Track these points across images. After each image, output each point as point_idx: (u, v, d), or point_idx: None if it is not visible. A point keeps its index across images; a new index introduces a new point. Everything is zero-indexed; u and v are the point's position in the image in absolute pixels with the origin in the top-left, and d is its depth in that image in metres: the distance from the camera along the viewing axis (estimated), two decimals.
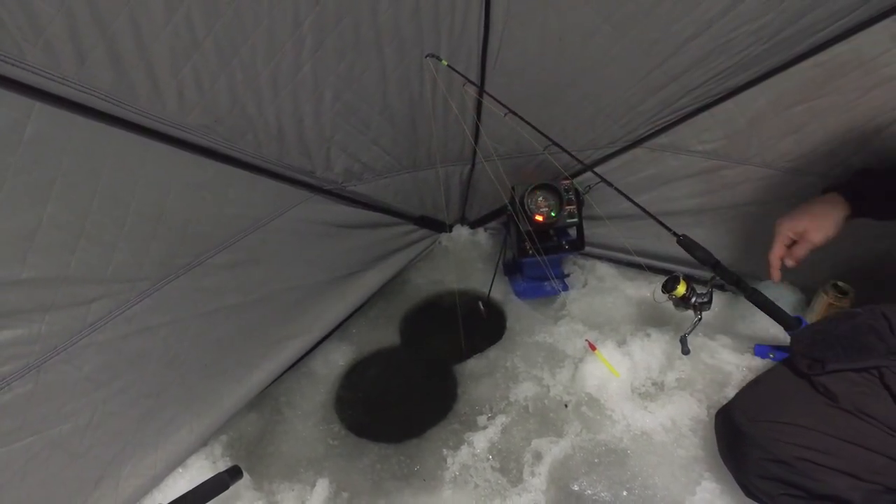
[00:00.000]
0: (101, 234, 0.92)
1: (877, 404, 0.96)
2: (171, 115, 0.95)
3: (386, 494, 1.19)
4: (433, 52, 1.19)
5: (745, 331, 1.48)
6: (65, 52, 0.78)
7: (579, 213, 1.54)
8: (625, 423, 1.27)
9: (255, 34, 0.95)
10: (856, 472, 0.94)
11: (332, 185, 1.33)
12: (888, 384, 0.96)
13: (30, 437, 0.91)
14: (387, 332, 1.58)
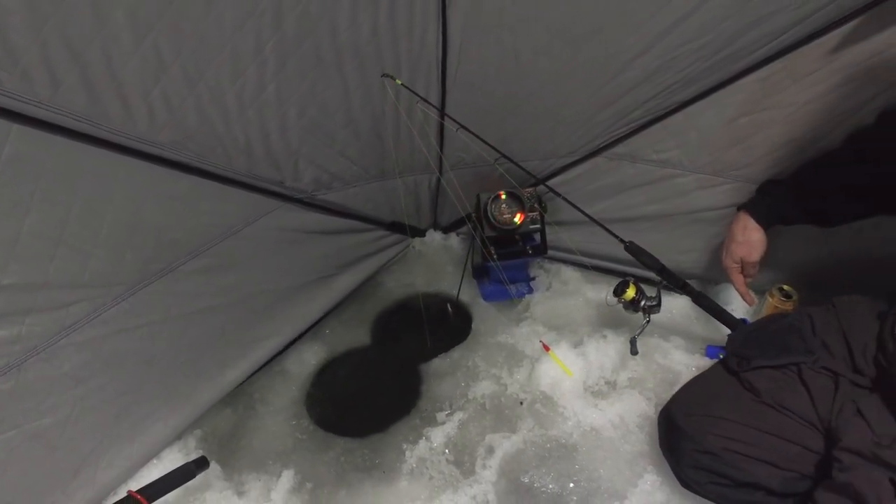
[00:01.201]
0: (79, 243, 1.00)
1: (794, 399, 1.04)
2: (143, 133, 1.02)
3: (348, 485, 1.27)
4: (388, 73, 1.27)
5: (700, 332, 1.55)
6: (40, 79, 0.86)
7: (542, 220, 1.61)
8: (575, 420, 1.35)
9: (219, 58, 1.03)
10: (774, 461, 1.03)
11: (303, 195, 1.41)
12: (805, 380, 1.04)
13: (11, 430, 0.99)
14: (359, 332, 1.66)
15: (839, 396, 0.98)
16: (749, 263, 1.33)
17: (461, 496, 1.22)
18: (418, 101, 1.32)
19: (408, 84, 1.33)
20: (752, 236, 1.29)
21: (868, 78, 1.17)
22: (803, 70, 1.21)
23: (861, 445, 0.89)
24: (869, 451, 0.88)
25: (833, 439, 0.96)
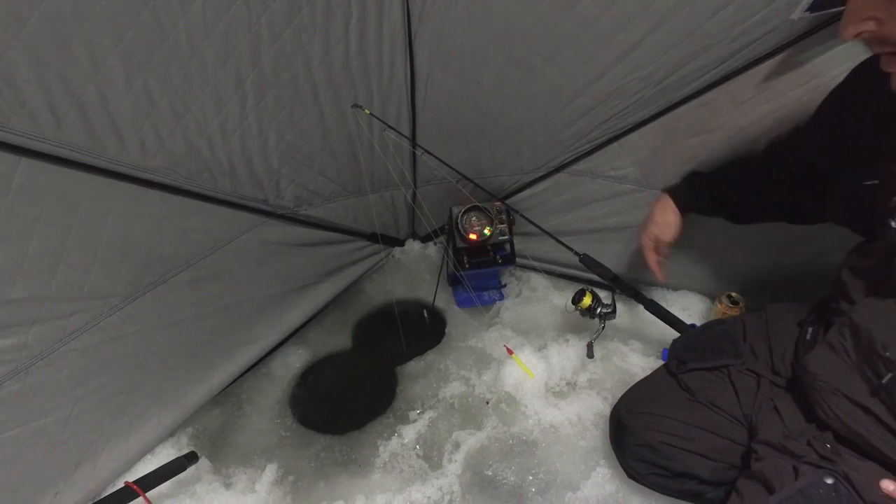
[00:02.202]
0: (78, 261, 1.11)
1: (723, 397, 1.15)
2: (136, 161, 1.14)
3: (326, 478, 1.39)
4: (359, 103, 1.39)
5: (658, 336, 1.66)
6: (45, 119, 0.97)
7: (510, 231, 1.73)
8: (536, 418, 1.47)
9: (203, 94, 1.15)
10: (706, 453, 1.13)
11: (285, 210, 1.53)
12: (733, 380, 1.15)
13: (18, 427, 1.11)
14: (340, 337, 1.77)
15: (760, 395, 1.09)
16: (663, 243, 1.42)
17: (429, 487, 1.34)
18: (385, 128, 1.43)
19: (379, 110, 1.45)
20: (669, 218, 1.39)
21: (797, 104, 1.28)
22: (741, 96, 1.32)
23: (773, 438, 1.00)
24: (779, 443, 0.99)
25: (753, 433, 1.07)
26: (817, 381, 0.95)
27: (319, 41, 1.24)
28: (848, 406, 0.90)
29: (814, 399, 0.96)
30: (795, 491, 0.89)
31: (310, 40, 1.23)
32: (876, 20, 0.73)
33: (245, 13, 1.11)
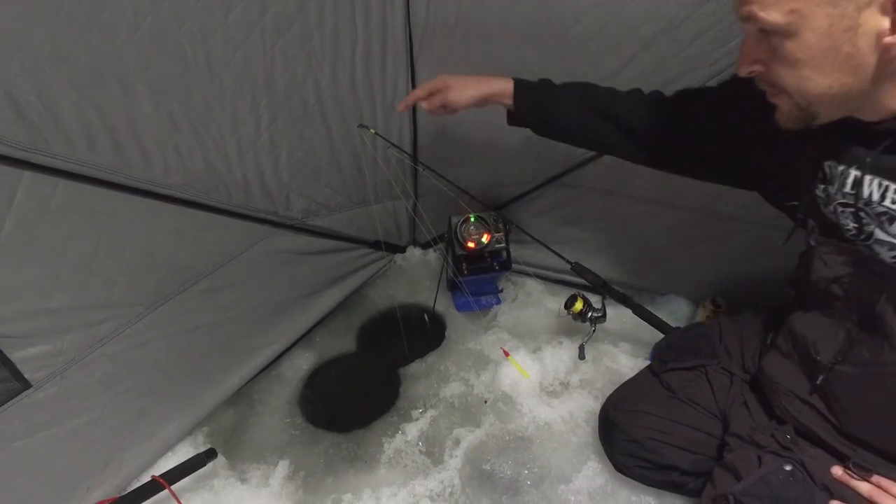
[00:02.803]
0: (106, 273, 1.20)
1: (701, 394, 1.24)
2: (159, 179, 1.23)
3: (334, 473, 1.48)
4: (364, 122, 1.48)
5: (647, 339, 1.74)
6: (80, 143, 1.06)
7: (506, 239, 1.82)
8: (531, 416, 1.56)
9: (221, 117, 1.24)
10: (686, 446, 1.22)
11: (294, 221, 1.62)
12: (710, 379, 1.24)
13: (56, 426, 1.20)
14: (345, 340, 1.86)
15: (732, 391, 1.19)
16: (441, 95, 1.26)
17: (431, 481, 1.43)
18: (389, 146, 1.53)
19: (383, 128, 1.55)
20: (477, 92, 1.24)
21: None
22: None
23: (742, 430, 1.10)
24: (747, 435, 1.09)
25: (726, 426, 1.17)
26: (772, 383, 1.05)
27: (328, 66, 1.34)
28: (799, 404, 1.00)
29: (770, 398, 1.07)
30: (758, 478, 0.99)
31: (319, 65, 1.33)
32: (762, 63, 0.78)
33: (260, 42, 1.20)
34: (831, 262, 0.92)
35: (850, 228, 0.87)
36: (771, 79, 0.79)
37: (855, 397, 0.93)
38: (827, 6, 0.67)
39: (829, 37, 0.69)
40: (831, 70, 0.72)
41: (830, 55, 0.71)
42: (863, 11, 0.67)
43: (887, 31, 0.67)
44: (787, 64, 0.74)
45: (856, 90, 0.73)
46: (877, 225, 0.83)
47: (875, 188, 0.81)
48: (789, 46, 0.72)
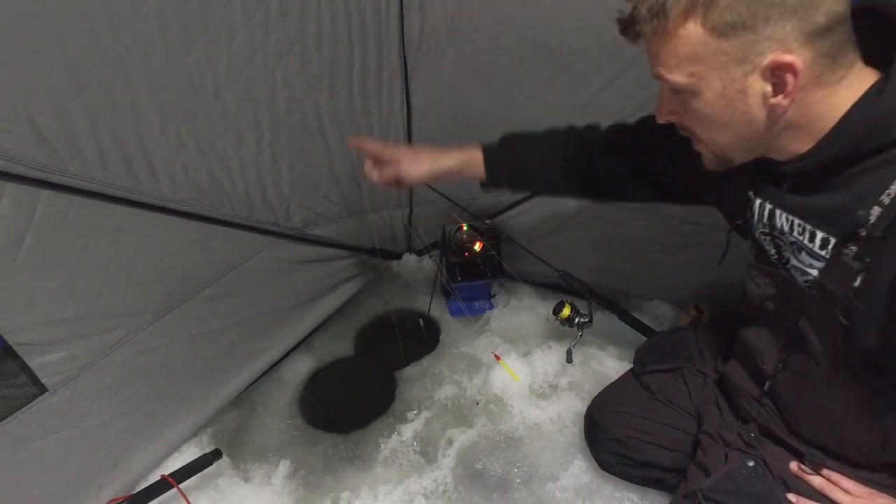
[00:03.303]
0: (117, 283, 1.27)
1: (678, 395, 1.31)
2: (166, 194, 1.29)
3: (333, 472, 1.55)
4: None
5: (633, 343, 1.80)
6: (93, 163, 1.13)
7: (498, 247, 1.90)
8: (521, 417, 1.63)
9: (225, 136, 1.31)
10: (665, 444, 1.30)
11: (294, 231, 1.69)
12: (686, 380, 1.32)
13: (70, 428, 1.26)
14: (343, 344, 1.93)
15: (705, 392, 1.26)
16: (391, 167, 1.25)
17: (425, 479, 1.51)
18: None
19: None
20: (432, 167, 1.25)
21: None
22: None
23: (713, 428, 1.18)
24: (717, 433, 1.16)
25: (700, 424, 1.25)
26: (734, 386, 1.13)
27: (326, 86, 1.41)
28: (757, 406, 1.08)
29: (733, 400, 1.15)
30: (724, 474, 1.07)
31: (318, 85, 1.40)
32: (677, 114, 0.87)
33: (262, 66, 1.28)
34: (761, 283, 1.01)
35: (772, 254, 0.96)
36: (686, 128, 0.88)
37: (796, 402, 1.02)
38: (720, 71, 0.76)
39: (724, 96, 0.78)
40: (731, 124, 0.81)
41: (729, 111, 0.80)
42: (749, 76, 0.76)
43: (770, 93, 0.76)
44: (695, 118, 0.84)
45: (756, 139, 0.83)
46: (791, 252, 0.92)
47: (784, 221, 0.91)
48: (694, 103, 0.81)
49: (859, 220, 0.77)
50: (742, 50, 0.74)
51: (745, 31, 0.72)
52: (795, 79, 0.73)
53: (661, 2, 0.75)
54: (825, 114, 0.78)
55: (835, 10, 0.71)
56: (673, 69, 0.79)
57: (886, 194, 0.74)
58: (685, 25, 0.75)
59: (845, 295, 0.82)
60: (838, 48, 0.74)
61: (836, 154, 0.78)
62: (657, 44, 0.79)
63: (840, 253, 0.82)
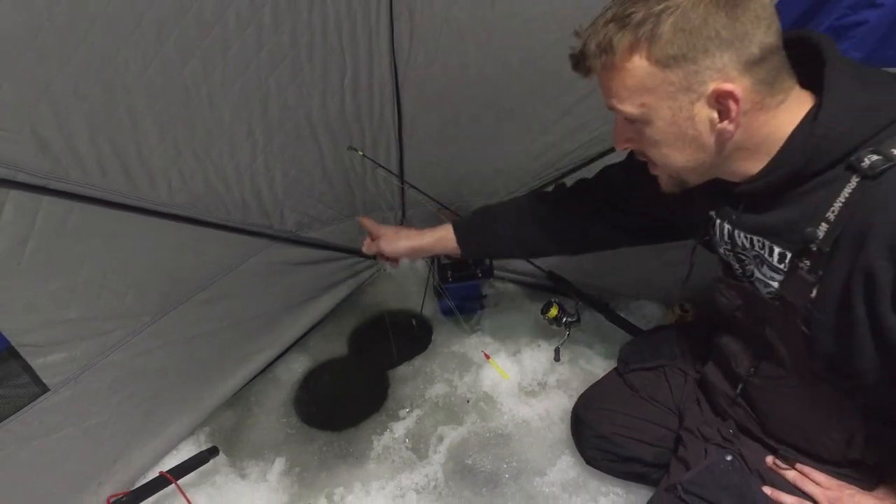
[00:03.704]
0: (116, 286, 1.31)
1: (660, 393, 1.36)
2: (164, 199, 1.33)
3: (328, 469, 1.59)
4: (354, 144, 1.60)
5: (620, 341, 1.85)
6: (93, 170, 1.16)
7: None
8: (510, 414, 1.68)
9: (220, 143, 1.35)
10: (648, 440, 1.34)
11: (288, 234, 1.73)
12: (668, 378, 1.36)
13: (70, 427, 1.30)
14: (337, 344, 1.98)
15: (686, 389, 1.31)
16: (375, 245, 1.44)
17: (416, 475, 1.55)
18: (376, 167, 1.65)
19: (371, 148, 1.66)
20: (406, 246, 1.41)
21: None
22: None
23: (693, 425, 1.23)
24: (697, 429, 1.21)
25: (681, 421, 1.30)
26: (713, 386, 1.18)
27: (318, 94, 1.45)
28: (733, 406, 1.13)
29: (711, 399, 1.19)
30: (703, 468, 1.12)
31: (310, 93, 1.44)
32: (633, 141, 0.92)
33: (256, 76, 1.31)
34: (728, 295, 1.06)
35: (737, 268, 1.02)
36: (642, 154, 0.93)
37: (768, 404, 1.08)
38: (668, 100, 0.81)
39: (674, 124, 0.83)
40: (683, 149, 0.86)
41: (680, 138, 0.85)
42: (695, 104, 0.81)
43: (717, 119, 0.81)
44: (650, 144, 0.88)
45: (708, 162, 0.87)
46: (755, 265, 0.97)
47: (744, 238, 0.96)
48: (647, 131, 0.86)
49: (809, 237, 0.83)
50: (686, 80, 0.79)
51: (687, 63, 0.78)
52: (738, 105, 0.78)
53: (607, 38, 0.80)
54: (770, 136, 0.83)
55: (767, 41, 0.76)
56: (624, 100, 0.84)
57: (831, 211, 0.80)
58: (631, 59, 0.80)
59: (804, 306, 0.88)
60: (775, 75, 0.79)
61: (782, 176, 0.84)
62: (607, 78, 0.84)
63: (796, 267, 0.87)
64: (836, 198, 0.79)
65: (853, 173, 0.78)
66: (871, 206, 0.76)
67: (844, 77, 0.79)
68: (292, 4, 1.25)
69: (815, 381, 0.97)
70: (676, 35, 0.76)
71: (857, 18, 1.06)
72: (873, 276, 0.76)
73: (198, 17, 1.12)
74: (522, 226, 1.35)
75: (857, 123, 0.78)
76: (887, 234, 0.74)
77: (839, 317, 0.83)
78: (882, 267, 0.74)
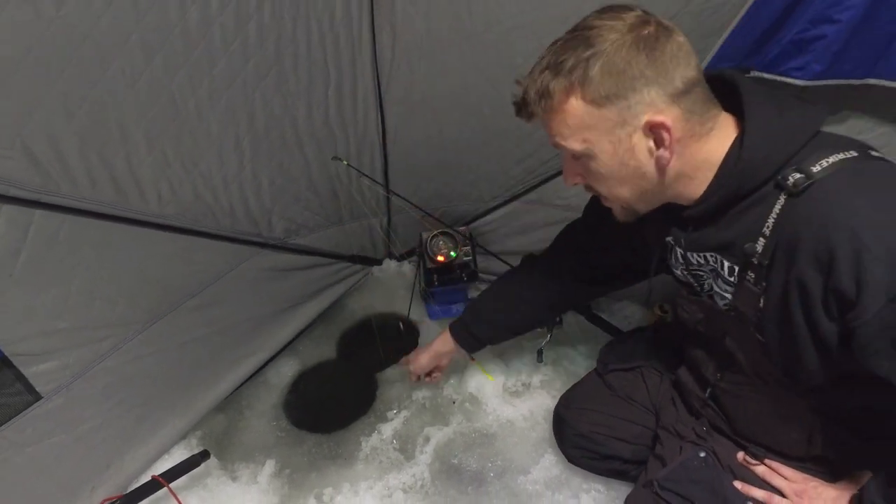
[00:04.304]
0: (107, 295, 1.34)
1: (638, 392, 1.41)
2: (153, 210, 1.36)
3: (317, 470, 1.63)
4: (338, 154, 1.64)
5: (604, 341, 1.89)
6: (83, 183, 1.19)
7: (473, 252, 1.98)
8: (495, 415, 1.72)
9: (208, 154, 1.39)
10: (626, 438, 1.39)
11: (276, 241, 1.76)
12: (645, 378, 1.41)
13: (63, 434, 1.33)
14: (326, 348, 2.01)
15: (662, 389, 1.36)
16: (434, 375, 1.66)
17: (404, 475, 1.59)
18: (360, 175, 1.69)
19: (356, 157, 1.70)
20: (445, 357, 1.62)
21: None
22: None
23: (669, 423, 1.28)
24: (672, 427, 1.26)
25: (658, 419, 1.35)
26: (686, 387, 1.23)
27: (303, 104, 1.49)
28: (704, 407, 1.18)
29: (685, 399, 1.24)
30: (678, 464, 1.17)
31: (295, 104, 1.48)
32: (581, 176, 0.97)
33: (242, 88, 1.35)
34: (689, 310, 1.13)
35: (695, 286, 1.08)
36: (592, 189, 0.99)
37: (734, 406, 1.13)
38: (607, 134, 0.87)
39: (616, 155, 0.89)
40: (627, 178, 0.92)
41: (623, 169, 0.90)
42: (632, 136, 0.87)
43: (654, 148, 0.88)
44: (597, 178, 0.94)
45: (651, 189, 0.93)
46: (711, 279, 1.03)
47: (698, 257, 1.02)
48: (593, 165, 0.92)
49: (749, 251, 0.89)
50: (621, 115, 0.85)
51: (619, 100, 0.84)
52: (670, 134, 0.85)
53: (544, 85, 0.87)
54: (706, 161, 0.90)
55: (688, 75, 0.84)
56: (567, 138, 0.90)
57: (766, 227, 0.87)
58: (568, 101, 0.86)
59: (755, 315, 0.94)
60: (701, 104, 0.87)
61: (720, 199, 0.91)
62: (549, 119, 0.90)
63: (744, 279, 0.94)
64: (769, 214, 0.86)
65: (781, 191, 0.84)
66: (798, 220, 0.82)
67: (761, 105, 0.88)
68: (277, 19, 1.28)
69: (774, 385, 1.03)
70: (605, 78, 0.83)
71: (816, 32, 1.11)
72: (806, 286, 0.82)
73: (183, 33, 1.15)
74: (511, 315, 1.50)
75: (778, 145, 0.86)
76: (812, 247, 0.80)
77: (782, 324, 0.90)
78: (811, 277, 0.81)
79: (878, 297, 0.76)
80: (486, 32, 1.44)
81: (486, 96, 1.60)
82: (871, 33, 1.07)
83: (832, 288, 0.79)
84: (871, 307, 0.76)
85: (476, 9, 1.38)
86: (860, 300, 0.77)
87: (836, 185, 0.80)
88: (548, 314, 1.60)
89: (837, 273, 0.78)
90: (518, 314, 1.51)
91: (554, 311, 1.61)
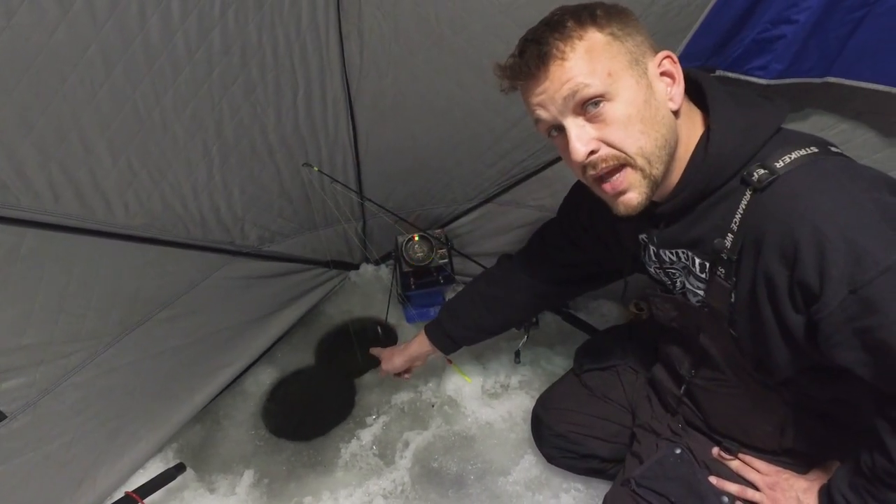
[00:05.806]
0: (75, 309, 1.32)
1: (614, 391, 1.42)
2: (120, 221, 1.34)
3: (297, 478, 1.62)
4: (310, 161, 1.63)
5: (581, 341, 1.91)
6: (46, 196, 1.17)
7: (449, 255, 1.99)
8: (474, 417, 1.72)
9: (176, 163, 1.37)
10: (603, 436, 1.40)
11: (250, 249, 1.75)
12: (621, 377, 1.42)
13: (30, 452, 1.30)
14: (305, 354, 1.99)
15: (638, 387, 1.37)
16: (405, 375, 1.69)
17: (384, 481, 1.59)
18: (332, 181, 1.68)
19: (328, 163, 1.69)
20: (416, 358, 1.62)
21: None
22: None
23: (645, 421, 1.29)
24: (648, 424, 1.27)
25: (634, 418, 1.36)
26: (661, 385, 1.24)
27: (272, 112, 1.48)
28: (679, 403, 1.19)
29: (660, 397, 1.26)
30: (654, 461, 1.18)
31: (264, 111, 1.46)
32: (596, 139, 0.87)
33: (209, 96, 1.33)
34: (662, 307, 1.14)
35: (668, 283, 1.09)
36: (612, 145, 0.86)
37: (709, 402, 1.15)
38: (629, 69, 0.86)
39: (640, 92, 0.86)
40: (650, 121, 0.86)
41: (646, 108, 0.86)
42: (647, 72, 0.88)
43: (669, 84, 0.90)
44: (620, 126, 0.85)
45: (669, 142, 0.88)
46: (684, 277, 1.04)
47: (670, 254, 1.03)
48: (615, 110, 0.84)
49: (718, 247, 0.91)
50: (637, 50, 0.87)
51: (628, 38, 0.87)
52: (678, 72, 0.89)
53: (560, 22, 0.86)
54: (682, 147, 0.92)
55: None
56: (589, 75, 0.83)
57: (734, 222, 0.88)
58: (587, 31, 0.85)
59: (727, 310, 0.95)
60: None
61: (689, 195, 0.93)
62: (573, 58, 0.84)
63: (714, 274, 0.95)
64: (736, 209, 0.88)
65: (746, 186, 0.86)
66: (763, 215, 0.84)
67: (725, 103, 0.90)
68: (241, 27, 1.27)
69: (747, 379, 1.04)
70: (611, 17, 0.86)
71: (776, 32, 1.13)
72: (772, 280, 0.83)
73: (145, 42, 1.13)
74: (486, 315, 1.50)
75: (742, 142, 0.87)
76: (777, 241, 0.82)
77: (752, 318, 0.91)
78: (777, 271, 0.82)
79: (840, 289, 0.77)
80: (454, 36, 1.44)
81: (457, 100, 1.60)
82: (826, 34, 1.10)
83: (797, 280, 0.81)
84: (833, 299, 0.78)
85: (443, 13, 1.38)
86: (823, 292, 0.78)
87: (798, 181, 0.82)
88: (524, 315, 1.61)
89: (802, 266, 0.79)
90: (494, 315, 1.51)
91: (530, 312, 1.62)
